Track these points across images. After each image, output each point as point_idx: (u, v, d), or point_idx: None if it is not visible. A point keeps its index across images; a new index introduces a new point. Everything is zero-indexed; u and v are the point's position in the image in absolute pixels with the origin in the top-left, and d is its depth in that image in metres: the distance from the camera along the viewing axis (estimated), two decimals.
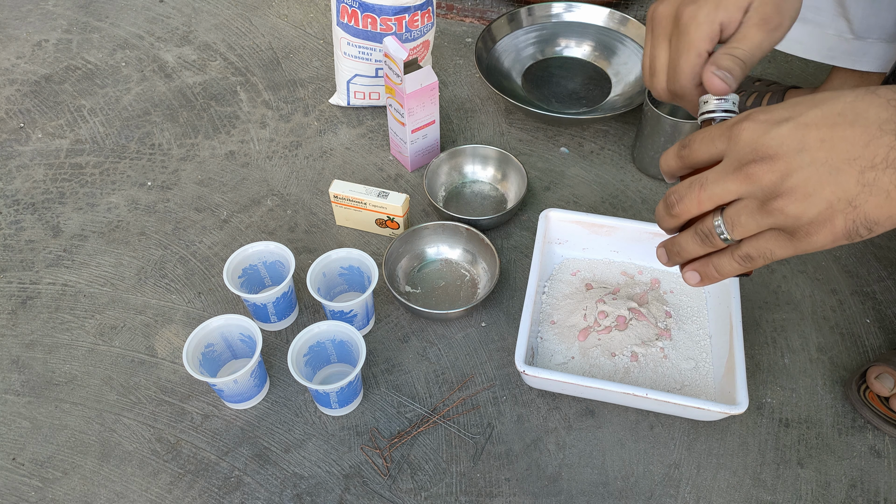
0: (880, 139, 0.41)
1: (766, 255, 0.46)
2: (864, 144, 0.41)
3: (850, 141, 0.41)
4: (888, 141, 0.41)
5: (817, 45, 0.89)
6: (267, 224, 0.94)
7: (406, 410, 0.76)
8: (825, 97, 0.43)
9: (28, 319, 0.84)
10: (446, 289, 0.86)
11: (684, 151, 0.49)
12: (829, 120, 0.42)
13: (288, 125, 1.06)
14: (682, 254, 0.50)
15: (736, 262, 0.48)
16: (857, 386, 0.75)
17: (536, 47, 1.15)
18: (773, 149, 0.43)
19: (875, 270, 0.88)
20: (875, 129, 0.41)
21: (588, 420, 0.75)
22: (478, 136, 1.05)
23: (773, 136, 0.43)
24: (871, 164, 0.41)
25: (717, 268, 0.49)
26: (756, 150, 0.43)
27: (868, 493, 0.70)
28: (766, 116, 0.44)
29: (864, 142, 0.41)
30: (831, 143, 0.42)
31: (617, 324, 0.78)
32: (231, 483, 0.71)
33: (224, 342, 0.76)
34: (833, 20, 0.86)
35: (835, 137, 0.42)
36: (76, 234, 0.93)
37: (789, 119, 0.43)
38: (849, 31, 0.86)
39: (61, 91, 1.12)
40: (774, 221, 0.44)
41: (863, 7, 0.83)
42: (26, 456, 0.73)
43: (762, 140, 0.43)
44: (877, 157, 0.41)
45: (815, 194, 0.42)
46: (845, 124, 0.42)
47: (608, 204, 0.95)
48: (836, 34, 0.87)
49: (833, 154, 0.42)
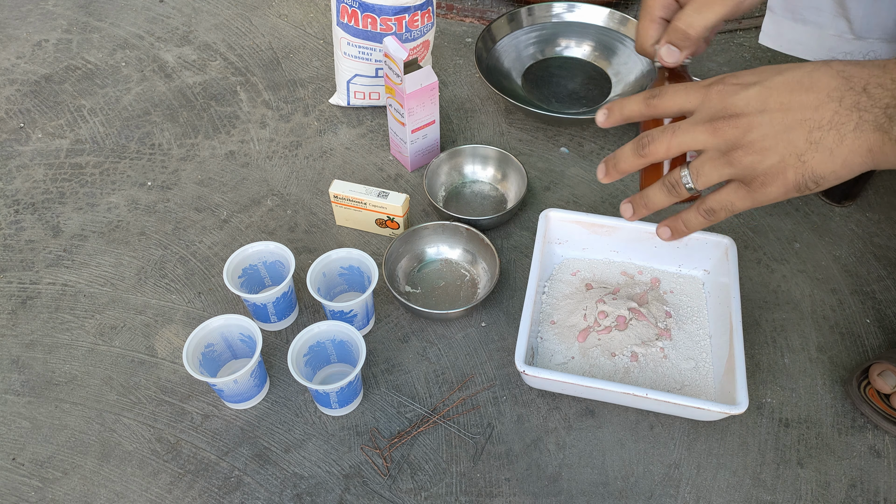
0: (828, 104, 0.47)
1: (727, 206, 0.52)
2: (815, 108, 0.48)
3: (804, 105, 0.48)
4: (833, 107, 0.47)
5: (817, 46, 0.89)
6: (267, 224, 0.94)
7: (406, 410, 0.76)
8: (789, 66, 0.50)
9: (28, 319, 0.84)
10: (446, 289, 0.86)
11: (654, 100, 0.55)
12: (789, 86, 0.49)
13: (288, 125, 1.06)
14: (649, 205, 0.57)
15: (701, 216, 0.54)
16: (858, 382, 0.75)
17: (536, 47, 1.15)
18: (738, 108, 0.50)
19: (875, 270, 0.88)
20: (824, 96, 0.48)
21: (588, 420, 0.75)
22: (478, 136, 1.05)
23: (741, 97, 0.50)
24: (819, 125, 0.47)
25: (685, 222, 0.56)
26: (725, 108, 0.50)
27: (868, 493, 0.70)
28: (736, 80, 0.51)
29: (815, 106, 0.48)
30: (788, 105, 0.48)
31: (617, 324, 0.78)
32: (231, 483, 0.71)
33: (224, 342, 0.76)
34: (833, 20, 0.86)
35: (792, 101, 0.48)
36: (76, 234, 0.93)
37: (756, 83, 0.50)
38: (849, 32, 0.86)
39: (61, 91, 1.12)
40: (733, 171, 0.50)
41: (863, 7, 0.83)
42: (26, 456, 0.73)
43: (731, 100, 0.50)
44: (823, 120, 0.47)
45: (771, 148, 0.49)
46: (801, 90, 0.48)
47: (608, 204, 0.95)
48: (836, 34, 0.87)
49: (788, 115, 0.48)
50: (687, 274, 0.85)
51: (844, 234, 0.91)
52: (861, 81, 0.47)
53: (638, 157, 0.55)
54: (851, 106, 0.47)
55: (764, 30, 0.93)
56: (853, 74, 0.48)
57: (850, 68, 0.48)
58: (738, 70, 1.15)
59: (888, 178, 0.98)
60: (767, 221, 0.93)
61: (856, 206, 0.94)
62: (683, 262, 0.84)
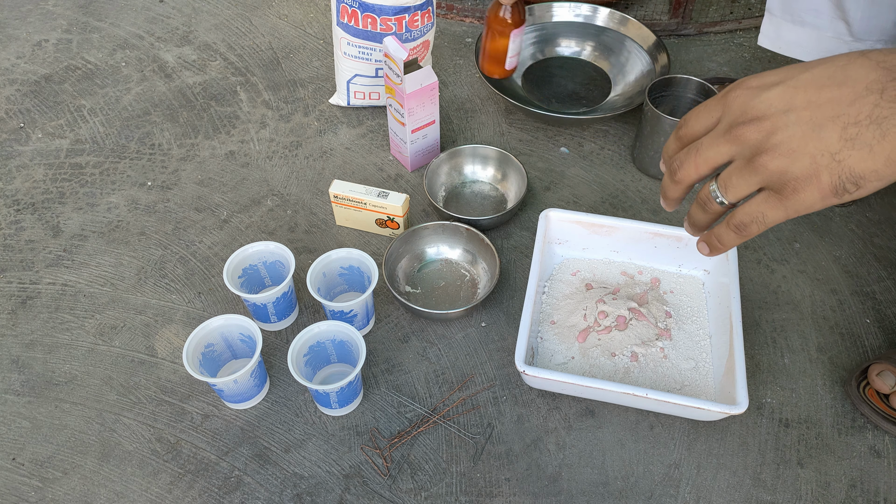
0: (866, 98, 0.42)
1: (759, 218, 0.48)
2: (850, 103, 0.43)
3: (837, 101, 0.43)
4: (873, 99, 0.42)
5: (816, 48, 0.89)
6: (267, 224, 0.94)
7: (406, 410, 0.76)
8: (818, 62, 0.45)
9: (28, 319, 0.84)
10: (446, 289, 0.86)
11: (682, 131, 0.51)
12: (818, 82, 0.44)
13: (288, 125, 1.06)
14: (696, 224, 0.53)
15: (732, 231, 0.50)
16: (858, 382, 0.75)
17: (536, 47, 1.15)
18: (760, 111, 0.45)
19: (875, 270, 0.88)
20: (862, 89, 0.43)
21: (588, 420, 0.75)
22: (478, 136, 1.05)
23: (762, 98, 0.45)
24: (855, 120, 0.43)
25: (718, 238, 0.51)
26: (745, 113, 0.46)
27: (868, 493, 0.70)
28: (757, 82, 0.47)
29: (850, 100, 0.43)
30: (817, 103, 0.44)
31: (617, 324, 0.78)
32: (231, 483, 0.71)
33: (224, 342, 0.76)
34: (832, 23, 0.86)
35: (821, 98, 0.44)
36: (76, 234, 0.93)
37: (779, 83, 0.46)
38: (848, 34, 0.86)
39: (61, 91, 1.12)
40: (761, 179, 0.46)
41: (862, 9, 0.83)
42: (26, 456, 0.73)
43: (751, 103, 0.46)
44: (860, 114, 0.42)
45: (799, 150, 0.44)
46: (833, 85, 0.44)
47: (608, 204, 0.95)
48: (835, 36, 0.87)
49: (818, 113, 0.44)
50: (687, 274, 0.85)
51: (845, 235, 0.91)
52: None
53: (675, 183, 0.52)
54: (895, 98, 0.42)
55: (763, 31, 0.93)
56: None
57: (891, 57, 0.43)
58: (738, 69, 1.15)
59: None
60: None
61: (856, 206, 0.95)
62: (683, 262, 0.84)
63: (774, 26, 0.91)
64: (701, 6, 1.25)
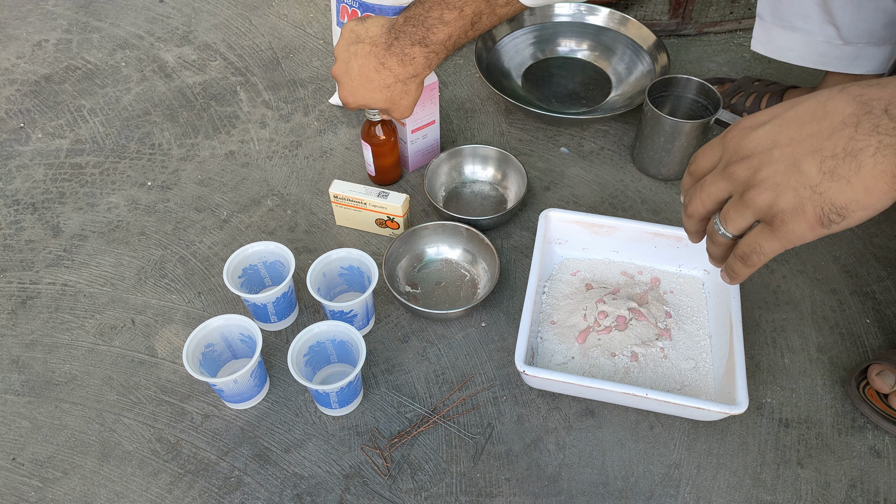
0: (842, 131, 0.45)
1: (757, 249, 0.50)
2: (827, 137, 0.45)
3: (816, 135, 0.46)
4: (848, 133, 0.45)
5: (808, 52, 0.89)
6: (267, 224, 0.94)
7: (406, 410, 0.76)
8: (805, 98, 0.48)
9: (28, 319, 0.84)
10: (446, 289, 0.86)
11: (692, 167, 0.55)
12: (801, 118, 0.47)
13: (288, 125, 1.06)
14: (714, 256, 0.57)
15: (739, 262, 0.53)
16: (857, 382, 0.75)
17: (536, 47, 1.15)
18: (749, 149, 0.49)
19: (875, 270, 0.88)
20: (838, 123, 0.45)
21: (588, 420, 0.75)
22: (478, 136, 1.05)
23: (752, 138, 0.49)
24: (832, 153, 0.45)
25: (731, 269, 0.55)
26: (737, 152, 0.50)
27: (868, 493, 0.70)
28: (750, 122, 0.50)
29: (828, 134, 0.45)
30: (799, 139, 0.47)
31: (617, 324, 0.78)
32: (231, 483, 0.71)
33: (224, 342, 0.76)
34: (821, 27, 0.86)
35: (802, 134, 0.47)
36: (76, 234, 0.93)
37: (768, 122, 0.49)
38: (837, 38, 0.86)
39: (61, 91, 1.12)
40: (753, 212, 0.49)
41: (849, 13, 0.83)
42: (26, 456, 0.73)
43: (742, 143, 0.50)
44: (836, 147, 0.45)
45: (783, 184, 0.47)
46: (813, 121, 0.46)
47: (608, 204, 0.95)
48: (825, 40, 0.87)
49: (798, 148, 0.46)
50: (687, 274, 0.85)
51: (844, 235, 0.91)
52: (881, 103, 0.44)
53: (688, 217, 0.56)
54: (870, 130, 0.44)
55: (755, 36, 0.93)
56: (872, 97, 0.45)
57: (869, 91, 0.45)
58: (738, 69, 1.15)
59: None
60: None
61: None
62: (683, 262, 0.84)
63: (766, 31, 0.92)
64: (701, 6, 1.25)
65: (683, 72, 1.14)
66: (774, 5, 0.88)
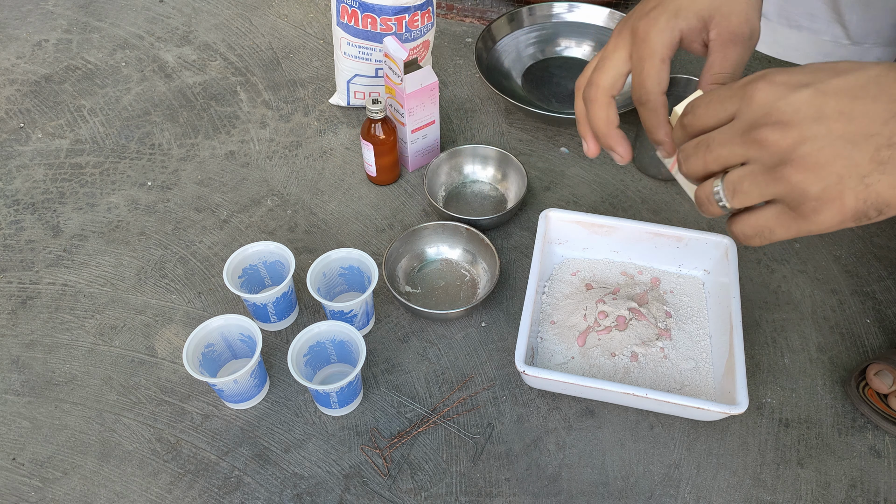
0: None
1: (765, 233, 0.44)
2: (884, 121, 0.39)
3: (870, 116, 0.39)
4: None
5: (814, 52, 0.89)
6: (267, 224, 0.94)
7: (406, 410, 0.76)
8: (849, 67, 0.41)
9: (28, 319, 0.84)
10: (446, 289, 0.86)
11: (688, 119, 0.46)
12: (850, 91, 0.40)
13: (288, 125, 1.06)
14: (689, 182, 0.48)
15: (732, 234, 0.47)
16: (857, 383, 0.75)
17: (536, 47, 1.15)
18: (787, 114, 0.41)
19: (875, 270, 0.88)
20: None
21: (588, 420, 0.75)
22: (478, 136, 1.05)
23: (791, 101, 0.41)
24: (889, 142, 0.39)
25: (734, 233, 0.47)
26: (769, 114, 0.41)
27: (868, 493, 0.70)
28: (783, 78, 0.42)
29: (885, 119, 0.39)
30: (850, 115, 0.40)
31: (617, 324, 0.78)
32: (231, 483, 0.71)
33: (224, 342, 0.76)
34: (829, 26, 0.85)
35: (855, 110, 0.40)
36: (76, 234, 0.93)
37: (809, 85, 0.41)
38: (845, 37, 0.86)
39: (61, 91, 1.12)
40: (779, 191, 0.42)
41: (858, 13, 0.83)
42: (26, 456, 0.73)
43: (777, 104, 0.41)
44: (894, 135, 0.39)
45: (827, 166, 0.40)
46: (867, 98, 0.40)
47: (608, 204, 0.95)
48: (833, 40, 0.86)
49: (850, 127, 0.40)
50: (687, 274, 0.85)
51: (844, 234, 0.91)
52: None
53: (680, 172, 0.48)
54: None
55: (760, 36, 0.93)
56: None
57: None
58: None
59: None
60: None
61: None
62: (683, 262, 0.84)
63: (772, 31, 0.91)
64: None
65: (683, 72, 1.13)
66: (781, 4, 0.87)
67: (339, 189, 0.97)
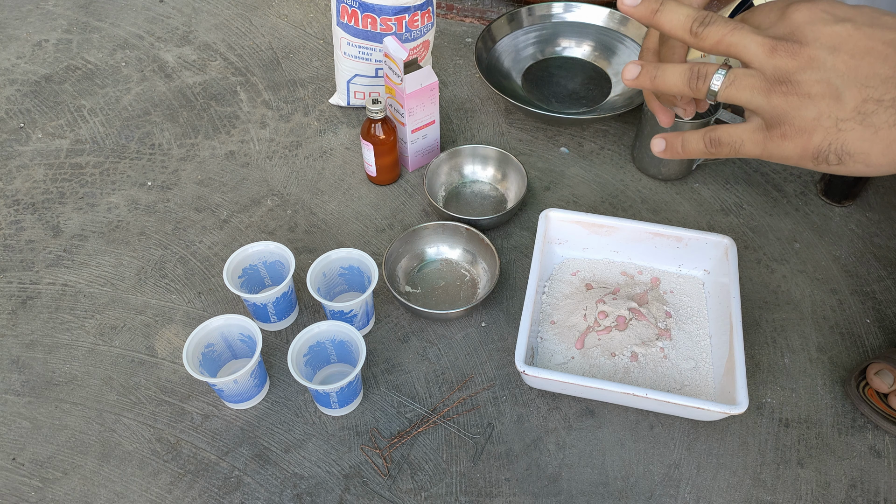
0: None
1: (735, 144, 0.46)
2: (884, 79, 0.41)
3: (874, 70, 0.41)
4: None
5: None
6: (267, 224, 0.94)
7: (406, 410, 0.76)
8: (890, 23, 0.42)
9: (28, 319, 0.84)
10: (446, 289, 0.86)
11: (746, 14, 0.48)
12: (871, 41, 0.42)
13: (288, 125, 1.06)
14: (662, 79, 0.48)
15: (703, 144, 0.48)
16: (857, 382, 0.75)
17: (536, 47, 1.15)
18: (809, 38, 0.42)
19: (875, 270, 0.88)
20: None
21: (588, 420, 0.75)
22: (478, 136, 1.05)
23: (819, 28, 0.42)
24: (878, 97, 0.41)
25: (684, 143, 0.50)
26: (794, 32, 0.43)
27: (868, 493, 0.70)
28: (825, 6, 0.44)
29: (885, 76, 0.41)
30: (858, 63, 0.41)
31: (617, 324, 0.78)
32: (231, 483, 0.71)
33: (224, 342, 0.76)
34: None
35: (864, 62, 0.41)
36: (76, 234, 0.93)
37: (846, 21, 0.43)
38: None
39: (61, 91, 1.12)
40: (763, 104, 0.44)
41: None
42: (26, 456, 0.73)
43: (808, 27, 0.43)
44: (886, 94, 0.41)
45: (815, 99, 0.42)
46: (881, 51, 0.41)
47: (608, 204, 0.95)
48: None
49: (853, 72, 0.41)
50: (687, 274, 0.85)
51: (844, 234, 0.91)
52: None
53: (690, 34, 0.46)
54: None
55: None
56: None
57: None
58: None
59: (888, 178, 0.98)
60: (767, 221, 0.93)
61: (856, 206, 0.95)
62: (683, 262, 0.84)
63: None
64: None
65: None
66: None
67: (339, 189, 0.97)
